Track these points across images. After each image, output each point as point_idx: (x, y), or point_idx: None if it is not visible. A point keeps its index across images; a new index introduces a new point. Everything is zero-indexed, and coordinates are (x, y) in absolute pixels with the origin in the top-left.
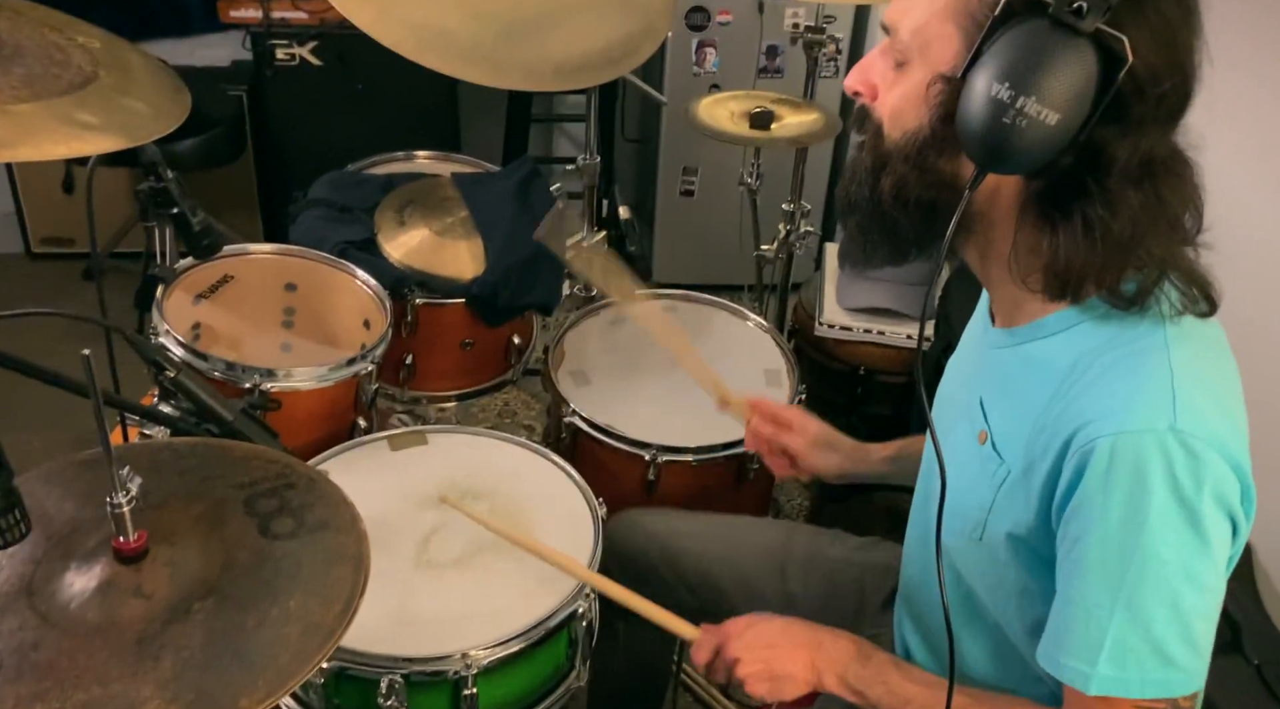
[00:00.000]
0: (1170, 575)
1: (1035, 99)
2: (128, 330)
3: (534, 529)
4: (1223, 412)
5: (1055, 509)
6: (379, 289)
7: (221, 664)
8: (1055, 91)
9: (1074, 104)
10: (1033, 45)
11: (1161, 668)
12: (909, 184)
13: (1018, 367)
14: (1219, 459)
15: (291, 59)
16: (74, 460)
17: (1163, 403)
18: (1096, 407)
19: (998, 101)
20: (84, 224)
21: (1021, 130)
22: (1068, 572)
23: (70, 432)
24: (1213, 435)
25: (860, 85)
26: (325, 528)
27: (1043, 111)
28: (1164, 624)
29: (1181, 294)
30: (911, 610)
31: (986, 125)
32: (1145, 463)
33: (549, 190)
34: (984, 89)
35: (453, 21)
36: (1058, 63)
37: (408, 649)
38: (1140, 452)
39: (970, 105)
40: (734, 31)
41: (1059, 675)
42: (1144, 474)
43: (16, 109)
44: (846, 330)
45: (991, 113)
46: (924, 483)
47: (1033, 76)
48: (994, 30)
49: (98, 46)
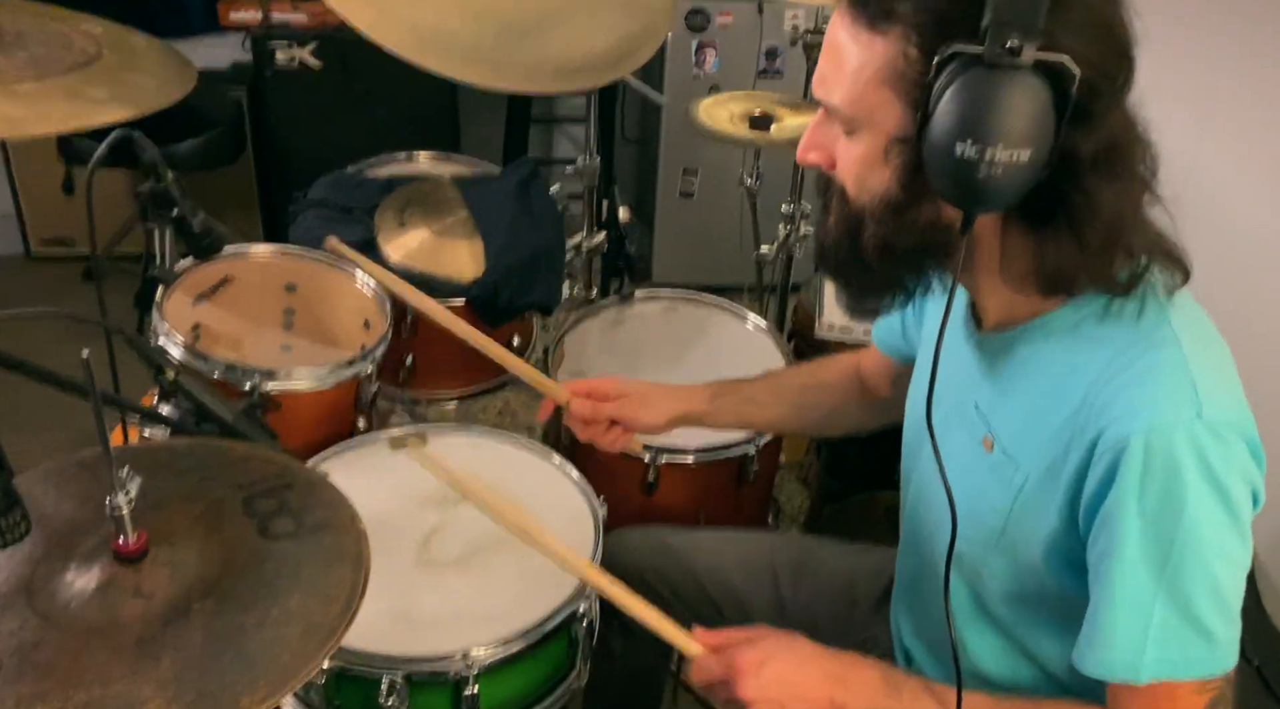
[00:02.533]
0: (1209, 556)
1: (1003, 146)
2: (128, 331)
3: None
4: (1231, 390)
5: (1084, 511)
6: (379, 290)
7: (222, 664)
8: (1019, 132)
9: (1040, 134)
10: (980, 95)
11: (1206, 646)
12: (893, 237)
13: (1019, 367)
14: (1240, 440)
15: (291, 61)
16: (73, 461)
17: (1186, 394)
18: (1120, 405)
19: (967, 160)
20: (84, 225)
21: (998, 177)
22: (1105, 572)
23: (70, 432)
24: (1232, 418)
25: (814, 156)
26: (325, 528)
27: (1014, 154)
28: (1205, 606)
29: (1162, 270)
30: (911, 614)
31: (963, 182)
32: (1179, 455)
33: (549, 191)
34: (948, 149)
35: (453, 23)
36: (1011, 105)
37: (408, 649)
38: (1173, 444)
39: (940, 165)
40: (734, 33)
41: (1106, 676)
42: (1179, 466)
43: (23, 89)
44: (847, 331)
45: (964, 170)
46: (910, 489)
47: (992, 126)
48: (932, 87)
49: (99, 32)
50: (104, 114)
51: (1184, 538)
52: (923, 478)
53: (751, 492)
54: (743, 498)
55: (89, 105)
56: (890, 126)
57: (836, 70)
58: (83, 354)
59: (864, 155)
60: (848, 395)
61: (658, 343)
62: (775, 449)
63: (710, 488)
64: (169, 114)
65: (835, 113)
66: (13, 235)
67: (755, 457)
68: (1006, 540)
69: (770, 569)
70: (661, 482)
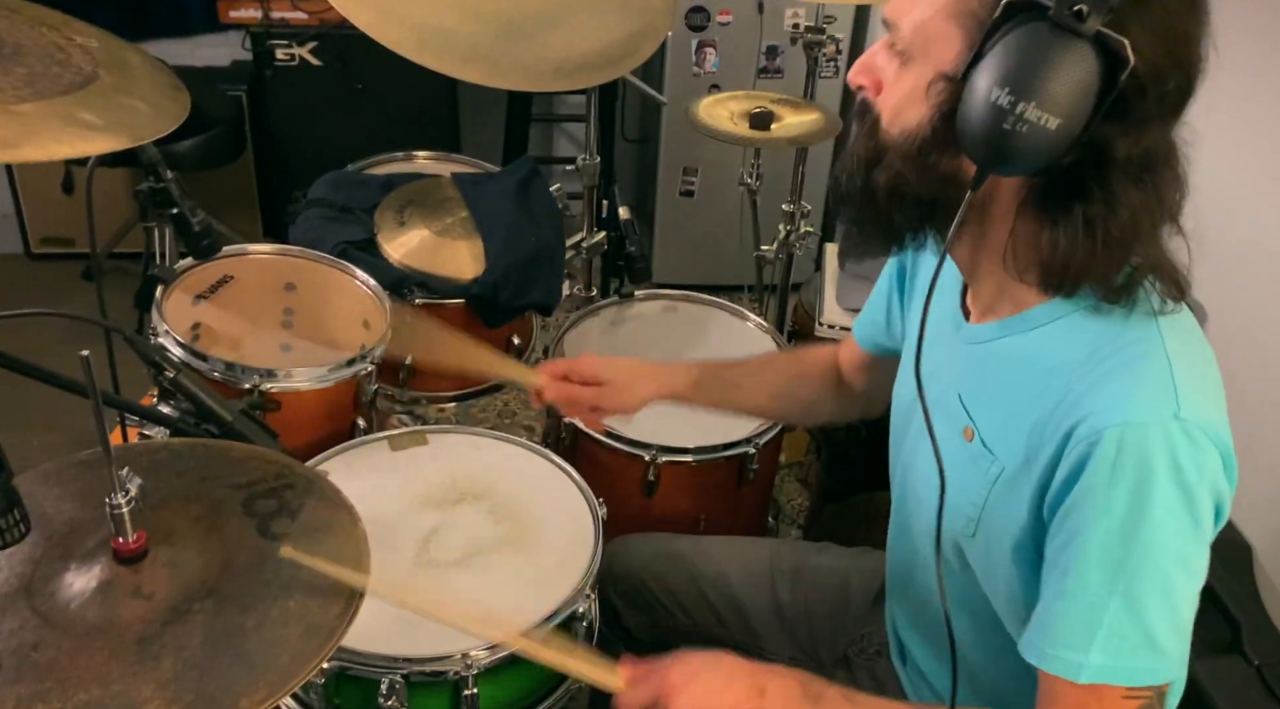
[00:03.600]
0: (1167, 562)
1: (1035, 104)
2: (127, 331)
3: (534, 529)
4: (1213, 398)
5: (1049, 503)
6: (379, 289)
7: (222, 664)
8: (1056, 96)
9: (1075, 108)
10: (1033, 49)
11: (1151, 656)
12: (907, 181)
13: (1002, 361)
14: (1213, 448)
15: (291, 59)
16: (73, 461)
17: (1165, 393)
18: (1098, 399)
19: (998, 107)
20: (84, 224)
21: (1022, 135)
22: (1063, 564)
23: (70, 432)
24: (1210, 424)
25: (864, 79)
26: (325, 528)
27: (1043, 117)
28: (1157, 612)
29: (1160, 285)
30: (905, 606)
31: (987, 130)
32: (1151, 452)
33: (549, 190)
34: (984, 93)
35: (453, 21)
36: (1058, 67)
37: (408, 649)
38: (1146, 441)
39: (971, 109)
40: (734, 31)
41: (1046, 667)
42: (1150, 464)
43: (20, 109)
44: (846, 331)
45: (992, 118)
46: (896, 480)
47: (1033, 82)
48: (994, 31)
49: (96, 45)
50: (98, 143)
51: (1145, 540)
52: (909, 462)
53: (751, 491)
54: (742, 497)
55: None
56: (942, 61)
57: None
58: (82, 354)
59: (909, 87)
60: (824, 387)
61: (658, 343)
62: (775, 449)
63: (710, 488)
64: None
65: (898, 38)
66: (13, 235)
67: (755, 456)
68: (981, 532)
69: (769, 575)
70: (661, 481)
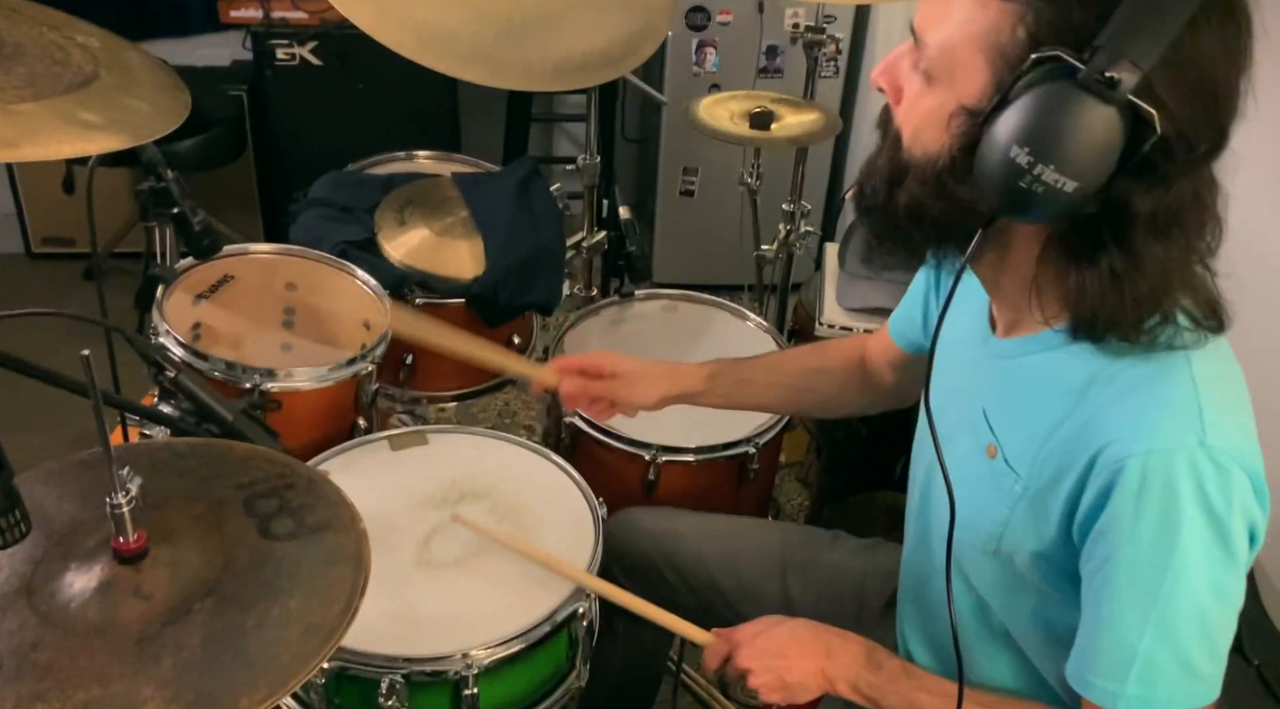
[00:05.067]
0: (1200, 592)
1: (1055, 168)
2: (128, 330)
3: (534, 529)
4: (1241, 425)
5: (1079, 527)
6: (379, 289)
7: (222, 664)
8: (1076, 161)
9: (1096, 172)
10: (1058, 111)
11: (1188, 683)
12: (926, 206)
13: (1025, 378)
14: (1243, 473)
15: (291, 59)
16: (74, 460)
17: (1190, 419)
18: (1123, 424)
19: (1016, 163)
20: (84, 224)
21: (1038, 194)
22: (1096, 590)
23: (70, 432)
24: (1237, 450)
25: (885, 83)
26: (325, 528)
27: (1061, 180)
28: (1192, 640)
29: (1193, 318)
30: (915, 617)
31: (1001, 182)
32: (1177, 480)
33: (549, 190)
34: (1003, 146)
35: (453, 21)
36: (1083, 133)
37: (408, 649)
38: (1172, 469)
39: (988, 157)
40: (734, 31)
41: (1088, 694)
42: (1175, 492)
43: (20, 108)
44: (846, 331)
45: (1009, 172)
46: (918, 489)
47: (1055, 144)
48: (1020, 79)
49: (96, 45)
50: (98, 142)
51: (1176, 570)
52: (929, 477)
53: (751, 491)
54: (742, 497)
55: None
56: (966, 93)
57: (944, 11)
58: (83, 353)
59: (931, 110)
60: (848, 381)
61: (658, 342)
62: (775, 448)
63: (710, 487)
64: None
65: (924, 54)
66: (13, 234)
67: (755, 456)
68: (1002, 549)
69: (780, 563)
70: (661, 481)
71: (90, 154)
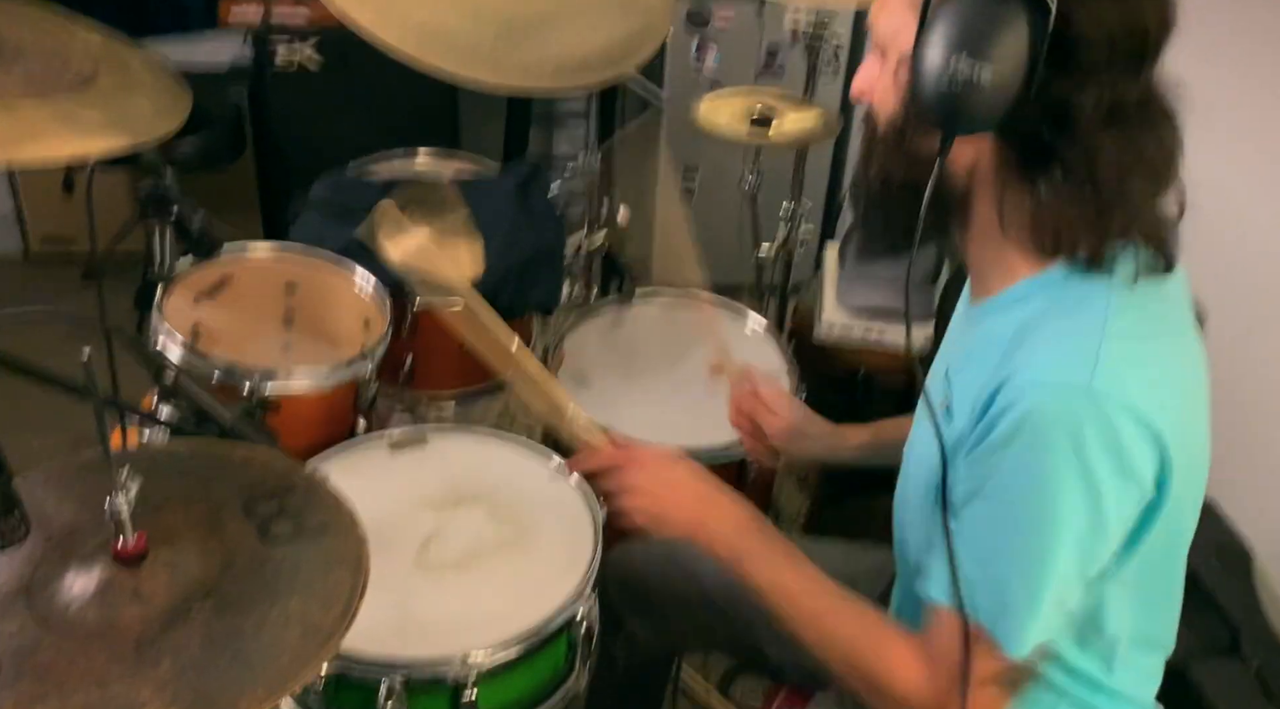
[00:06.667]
0: (1054, 531)
1: (967, 56)
2: (128, 332)
3: (534, 530)
4: (1149, 380)
5: (966, 452)
6: (379, 289)
7: (220, 667)
8: (984, 47)
9: (1007, 57)
10: (962, 9)
11: (1025, 619)
12: (892, 168)
13: (981, 336)
14: (1132, 425)
15: (291, 59)
16: (73, 462)
17: (1084, 362)
18: (1025, 362)
19: (934, 66)
20: (84, 224)
21: (959, 89)
22: (965, 515)
23: (70, 433)
24: (1130, 401)
25: (862, 86)
26: (324, 531)
27: (976, 66)
28: (1036, 581)
29: (1146, 255)
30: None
31: (930, 93)
32: (1053, 418)
33: (549, 190)
34: (925, 60)
35: (453, 21)
36: (982, 20)
37: (407, 652)
38: (1050, 406)
39: (919, 79)
40: (734, 31)
41: (928, 593)
42: (1048, 429)
43: (21, 108)
44: (847, 331)
45: (933, 80)
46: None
47: (960, 36)
48: (929, 4)
49: (97, 44)
50: (100, 142)
51: (1034, 506)
52: (908, 452)
53: (750, 494)
54: None
55: (85, 131)
56: (905, 45)
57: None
58: (83, 354)
59: (885, 79)
60: None
61: (658, 343)
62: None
63: None
64: None
65: (876, 38)
66: (13, 234)
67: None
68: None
69: None
70: None
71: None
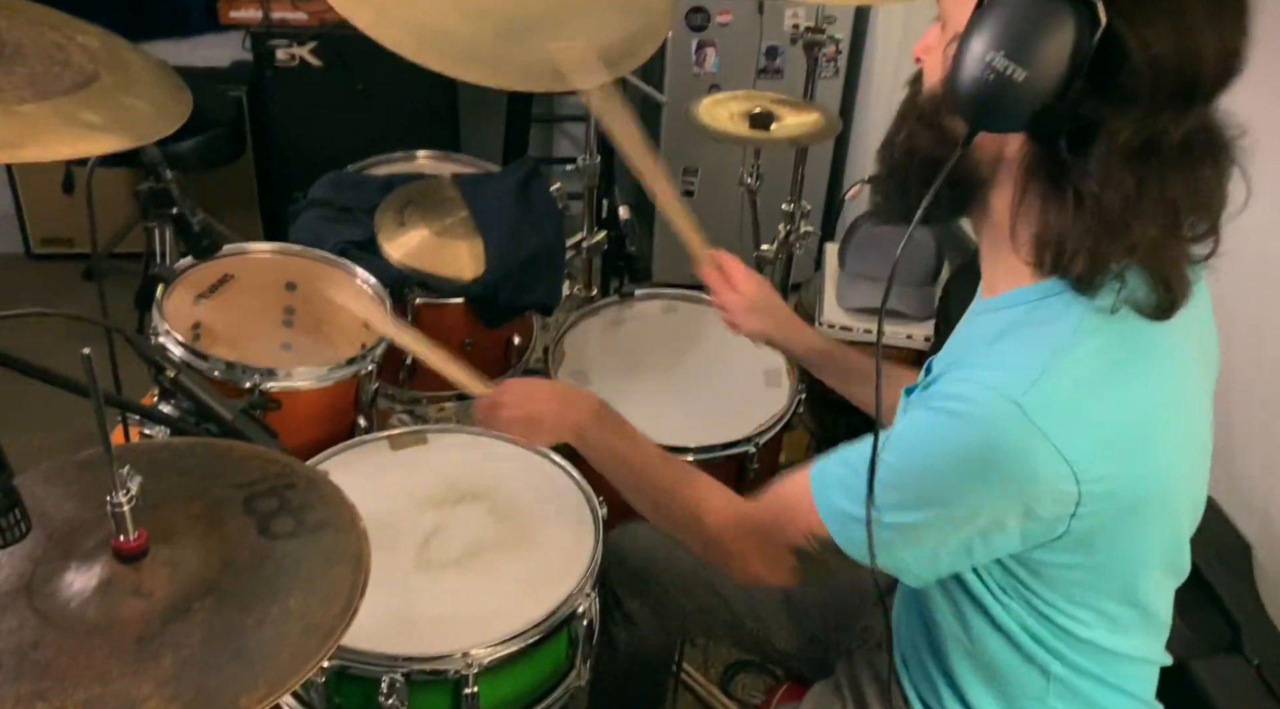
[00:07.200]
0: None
1: (1004, 54)
2: (128, 330)
3: (534, 529)
4: (1093, 415)
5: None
6: (379, 289)
7: (221, 663)
8: (1024, 48)
9: (1044, 62)
10: (1015, 5)
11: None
12: (920, 139)
13: (971, 332)
14: (1050, 451)
15: (291, 59)
16: (74, 460)
17: (1027, 376)
18: (983, 359)
19: (972, 57)
20: (84, 224)
21: (990, 85)
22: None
23: (70, 431)
24: (1057, 426)
25: (920, 50)
26: (325, 527)
27: (1009, 67)
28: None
29: (1149, 290)
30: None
31: (962, 80)
32: (977, 414)
33: (549, 190)
34: (968, 47)
35: (452, 21)
36: (1030, 21)
37: (408, 648)
38: (979, 403)
39: (957, 63)
40: (734, 32)
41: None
42: (969, 418)
43: (21, 109)
44: (846, 330)
45: (967, 68)
46: None
47: (1004, 34)
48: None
49: (97, 45)
50: (100, 142)
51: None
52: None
53: (751, 491)
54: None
55: (86, 132)
56: (960, 23)
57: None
58: (83, 353)
59: (938, 49)
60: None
61: (658, 342)
62: (775, 448)
63: None
64: None
65: (941, 6)
66: (13, 234)
67: (755, 456)
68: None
69: None
70: None
71: (91, 155)
